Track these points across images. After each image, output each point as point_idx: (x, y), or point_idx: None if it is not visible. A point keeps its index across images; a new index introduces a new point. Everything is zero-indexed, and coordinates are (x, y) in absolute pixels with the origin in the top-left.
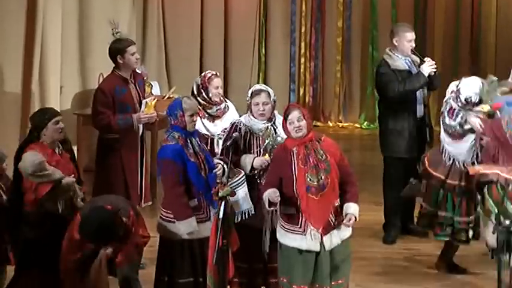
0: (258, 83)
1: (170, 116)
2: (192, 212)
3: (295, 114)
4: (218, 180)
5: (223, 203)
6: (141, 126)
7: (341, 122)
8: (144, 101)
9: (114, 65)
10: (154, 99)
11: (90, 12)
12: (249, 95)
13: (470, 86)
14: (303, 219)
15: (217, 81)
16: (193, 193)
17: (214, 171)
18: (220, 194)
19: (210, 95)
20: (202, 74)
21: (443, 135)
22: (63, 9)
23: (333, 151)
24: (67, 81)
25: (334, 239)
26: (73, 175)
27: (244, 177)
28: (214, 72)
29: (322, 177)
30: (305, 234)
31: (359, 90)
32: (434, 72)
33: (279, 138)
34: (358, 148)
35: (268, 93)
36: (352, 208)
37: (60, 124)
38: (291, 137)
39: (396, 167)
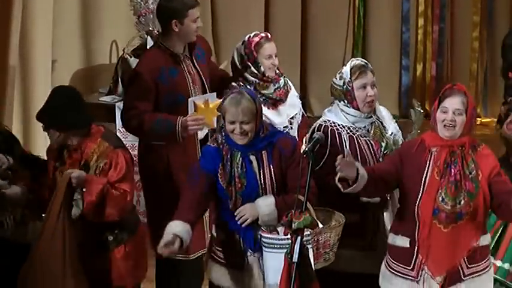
0: (353, 56)
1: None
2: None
3: (455, 102)
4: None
5: (299, 238)
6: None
7: (479, 117)
8: (190, 100)
9: (162, 34)
10: (217, 99)
11: None
12: (347, 73)
13: None
14: (419, 257)
15: (270, 48)
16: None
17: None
18: (295, 225)
19: (262, 68)
20: (246, 38)
21: None
22: None
23: (490, 165)
24: (62, 52)
25: None
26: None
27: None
28: (263, 34)
29: (462, 202)
30: (418, 282)
31: None
32: None
33: (398, 139)
34: None
35: (372, 70)
36: None
37: None
38: (435, 132)
39: None
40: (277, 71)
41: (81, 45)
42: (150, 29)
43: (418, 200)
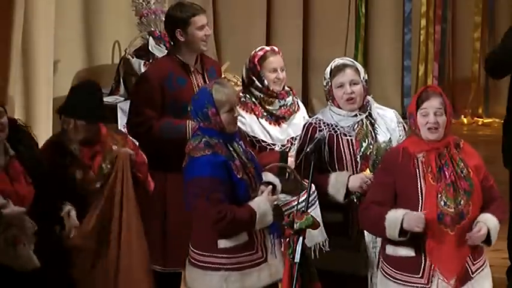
0: (355, 58)
1: (197, 116)
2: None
3: (434, 104)
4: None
5: (300, 238)
6: None
7: (481, 118)
8: None
9: (172, 44)
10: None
11: None
12: (327, 74)
13: None
14: (427, 264)
15: (275, 61)
16: None
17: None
18: (297, 226)
19: (266, 82)
20: (252, 53)
21: None
22: None
23: (477, 164)
24: (65, 53)
25: None
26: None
27: (315, 193)
28: (268, 48)
29: (462, 202)
30: None
31: None
32: None
33: (381, 141)
34: None
35: (357, 68)
36: (489, 220)
37: None
38: (418, 137)
39: None
40: (286, 88)
41: (83, 46)
42: (152, 29)
43: (420, 208)
